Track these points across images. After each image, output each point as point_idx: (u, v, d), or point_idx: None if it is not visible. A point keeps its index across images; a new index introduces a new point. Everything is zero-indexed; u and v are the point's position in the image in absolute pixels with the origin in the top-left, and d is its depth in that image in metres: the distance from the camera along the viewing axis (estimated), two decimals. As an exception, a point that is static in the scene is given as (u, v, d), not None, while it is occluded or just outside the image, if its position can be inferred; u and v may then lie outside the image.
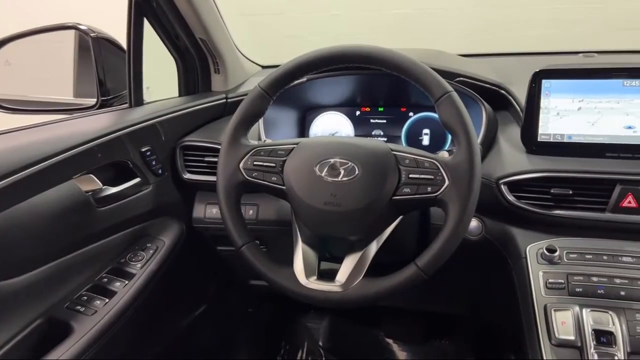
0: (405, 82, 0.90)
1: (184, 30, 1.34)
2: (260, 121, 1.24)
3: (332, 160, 0.90)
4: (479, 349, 1.71)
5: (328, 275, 0.92)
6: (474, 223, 1.09)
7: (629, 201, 0.96)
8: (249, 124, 0.98)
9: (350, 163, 0.89)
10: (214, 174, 0.99)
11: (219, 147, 0.98)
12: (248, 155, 0.96)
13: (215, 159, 0.99)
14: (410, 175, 0.87)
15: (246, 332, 1.79)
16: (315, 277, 0.91)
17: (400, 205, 0.88)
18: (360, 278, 0.88)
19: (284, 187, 0.93)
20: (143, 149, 1.17)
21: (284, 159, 0.94)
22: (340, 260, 0.92)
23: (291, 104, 1.36)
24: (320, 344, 1.84)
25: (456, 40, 2.47)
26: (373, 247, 0.91)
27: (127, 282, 1.09)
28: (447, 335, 1.78)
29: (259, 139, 1.26)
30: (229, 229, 0.95)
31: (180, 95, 1.46)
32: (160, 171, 1.23)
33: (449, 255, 0.84)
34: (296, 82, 1.12)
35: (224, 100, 1.41)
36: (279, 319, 1.88)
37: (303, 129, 1.42)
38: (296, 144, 0.95)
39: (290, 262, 0.93)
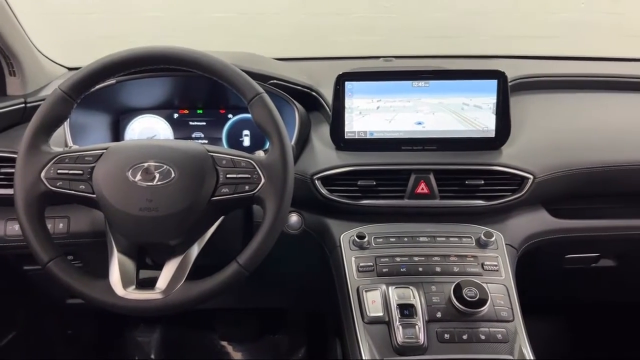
0: (224, 84, 0.91)
1: (-34, 27, 1.18)
2: (66, 126, 1.14)
3: (145, 164, 0.87)
4: (309, 338, 1.80)
5: (149, 284, 0.89)
6: (294, 218, 1.15)
7: (422, 188, 1.09)
8: (49, 129, 0.91)
9: (165, 166, 0.87)
10: (12, 186, 0.89)
11: (16, 156, 0.89)
12: (50, 164, 0.88)
13: (13, 170, 0.90)
14: (228, 175, 0.88)
15: (67, 357, 1.64)
16: (133, 287, 0.88)
17: (220, 205, 0.89)
18: (182, 282, 0.87)
19: (94, 196, 0.88)
20: None
21: (92, 165, 0.88)
22: (162, 267, 0.90)
23: (102, 107, 1.28)
24: (153, 357, 1.77)
25: (272, 45, 2.55)
26: (194, 250, 0.91)
27: None
28: (280, 328, 1.84)
29: (66, 145, 1.17)
30: (31, 245, 0.86)
31: (-33, 101, 1.28)
32: None
33: (269, 250, 0.87)
34: (104, 84, 1.06)
35: (23, 105, 1.27)
36: (105, 337, 1.77)
37: (117, 134, 1.34)
38: (105, 148, 0.90)
39: (108, 275, 0.89)
